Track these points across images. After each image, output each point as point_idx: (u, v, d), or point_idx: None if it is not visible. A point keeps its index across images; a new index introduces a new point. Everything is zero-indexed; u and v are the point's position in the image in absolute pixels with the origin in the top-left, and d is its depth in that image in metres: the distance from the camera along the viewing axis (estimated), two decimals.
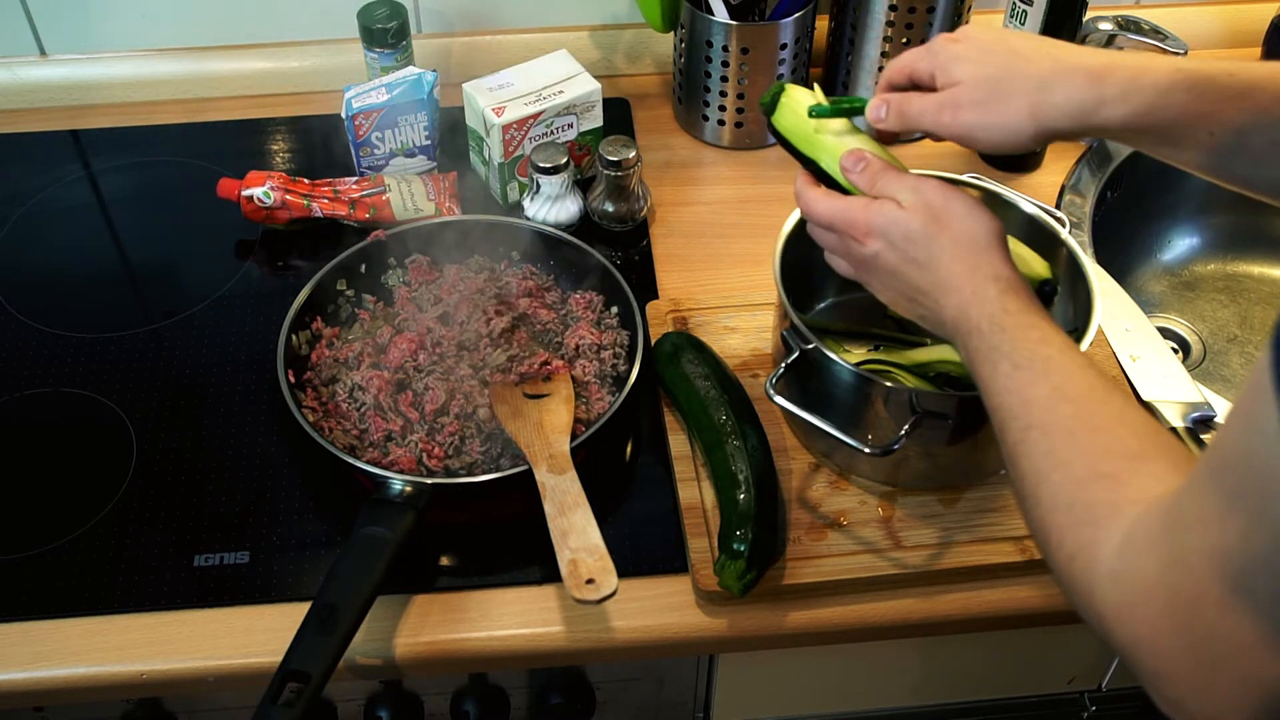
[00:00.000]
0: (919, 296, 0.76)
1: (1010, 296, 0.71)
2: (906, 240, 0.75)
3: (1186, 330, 1.24)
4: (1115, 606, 0.56)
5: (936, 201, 0.75)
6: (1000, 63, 0.75)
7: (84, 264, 1.16)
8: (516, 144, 1.14)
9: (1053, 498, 0.62)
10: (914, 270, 0.75)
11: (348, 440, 0.94)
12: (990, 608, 0.89)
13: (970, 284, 0.72)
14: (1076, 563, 0.59)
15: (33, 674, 0.84)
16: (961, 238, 0.73)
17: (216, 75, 1.32)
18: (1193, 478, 0.53)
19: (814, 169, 0.82)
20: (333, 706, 0.96)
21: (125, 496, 0.95)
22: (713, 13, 1.18)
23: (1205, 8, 1.39)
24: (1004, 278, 0.72)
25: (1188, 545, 0.51)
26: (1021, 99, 0.74)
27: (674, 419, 0.97)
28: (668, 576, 0.89)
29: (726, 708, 1.04)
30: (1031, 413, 0.65)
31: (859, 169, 0.79)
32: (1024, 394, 0.66)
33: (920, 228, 0.74)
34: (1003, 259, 0.73)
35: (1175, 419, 0.98)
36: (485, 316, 1.02)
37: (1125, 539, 0.56)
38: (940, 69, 0.78)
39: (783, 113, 0.84)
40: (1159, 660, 0.53)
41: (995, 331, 0.69)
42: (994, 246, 0.73)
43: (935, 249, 0.74)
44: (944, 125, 0.77)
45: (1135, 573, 0.54)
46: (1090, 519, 0.58)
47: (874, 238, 0.76)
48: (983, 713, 1.13)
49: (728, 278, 1.12)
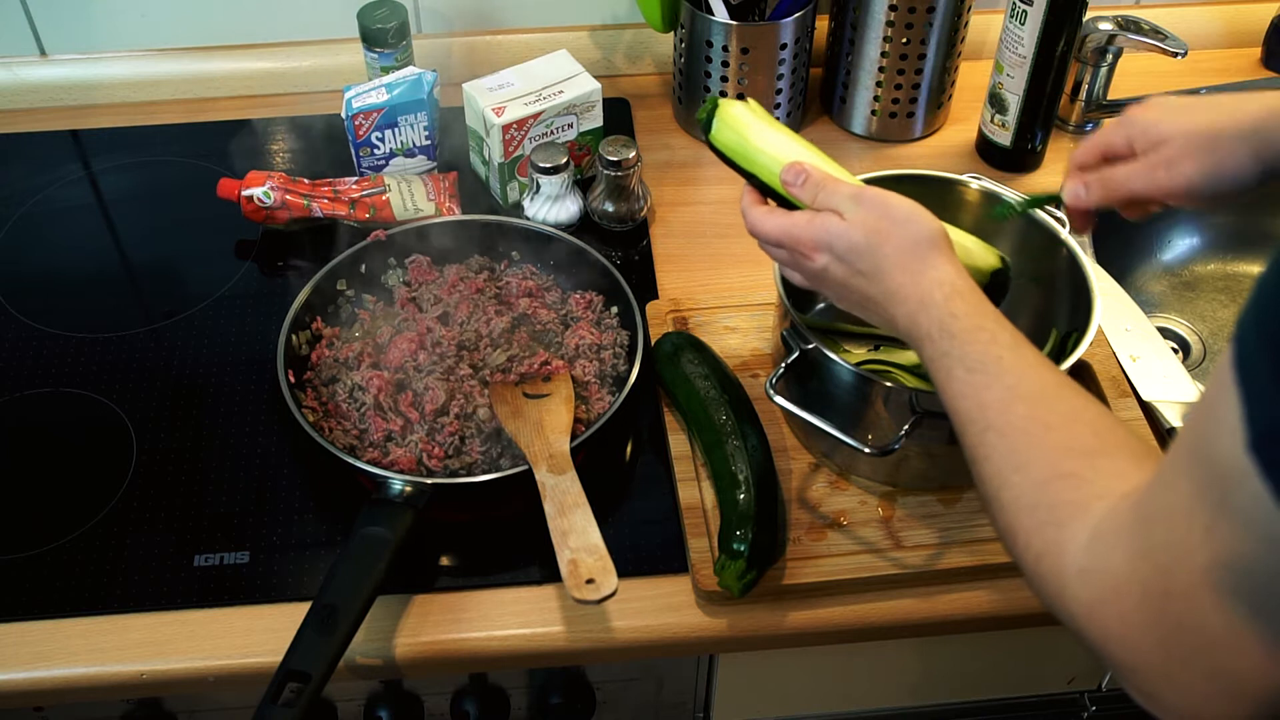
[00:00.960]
0: (871, 305, 0.76)
1: (956, 300, 0.71)
2: (851, 252, 0.75)
3: (1186, 330, 1.24)
4: (1085, 604, 0.56)
5: (877, 211, 0.75)
6: (1208, 115, 0.76)
7: (84, 264, 1.16)
8: (516, 144, 1.14)
9: (1015, 499, 0.62)
10: (862, 282, 0.76)
11: (348, 440, 0.94)
12: (990, 608, 0.89)
13: (916, 292, 0.72)
14: (1044, 563, 0.59)
15: (33, 674, 0.84)
16: (904, 245, 0.74)
17: (216, 75, 1.32)
18: (1159, 473, 0.53)
19: (757, 184, 0.82)
20: (333, 706, 0.96)
21: (125, 496, 0.95)
22: (713, 13, 1.18)
23: (1205, 8, 1.39)
24: (947, 282, 0.72)
25: (1155, 540, 0.52)
26: (1242, 145, 0.75)
27: (674, 419, 0.97)
28: (668, 576, 0.89)
29: (726, 708, 1.04)
30: (987, 415, 0.66)
31: (800, 182, 0.79)
32: (979, 397, 0.67)
33: (863, 240, 0.75)
34: (946, 262, 0.73)
35: (1175, 419, 0.98)
36: (485, 316, 1.02)
37: (1093, 536, 0.56)
38: (1140, 134, 0.78)
39: (720, 129, 0.84)
40: (1131, 655, 0.53)
41: (944, 337, 0.70)
42: (936, 249, 0.74)
43: (879, 259, 0.74)
44: (1159, 182, 0.77)
45: (1104, 569, 0.55)
46: (1055, 519, 0.59)
47: (820, 252, 0.77)
48: (983, 713, 1.13)
49: (728, 278, 1.12)
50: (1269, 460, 0.44)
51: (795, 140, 0.82)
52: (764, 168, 0.81)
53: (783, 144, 0.81)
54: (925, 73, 1.23)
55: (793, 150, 0.81)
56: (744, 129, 0.82)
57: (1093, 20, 1.20)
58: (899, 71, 1.23)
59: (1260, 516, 0.45)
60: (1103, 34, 1.21)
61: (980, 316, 0.70)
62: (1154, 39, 1.18)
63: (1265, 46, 1.39)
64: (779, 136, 0.82)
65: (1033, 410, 0.64)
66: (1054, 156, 1.25)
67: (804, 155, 0.81)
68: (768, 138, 0.82)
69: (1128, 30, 1.20)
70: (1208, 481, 0.48)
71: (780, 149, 0.81)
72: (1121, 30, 1.20)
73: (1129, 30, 1.20)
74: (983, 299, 0.72)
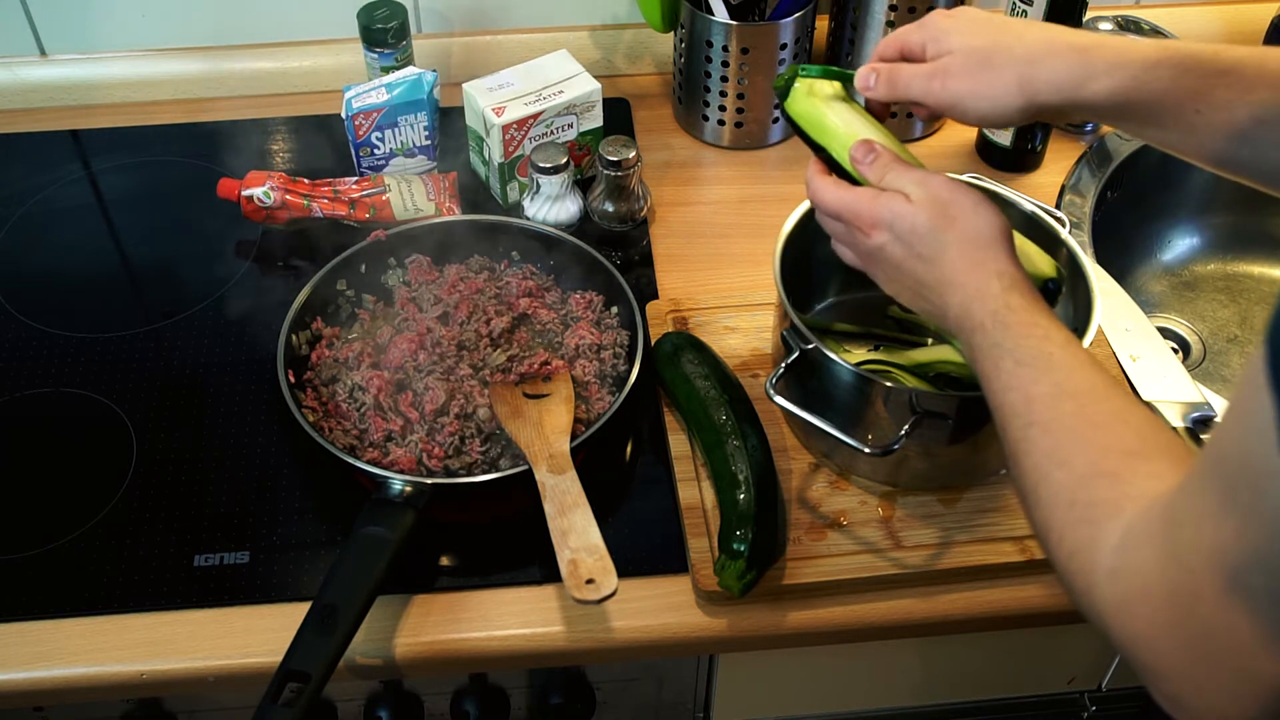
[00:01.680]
0: (923, 291, 0.76)
1: (1014, 293, 0.71)
2: (913, 234, 0.75)
3: (1186, 330, 1.24)
4: (1114, 603, 0.56)
5: (944, 196, 0.75)
6: (992, 35, 0.77)
7: (84, 264, 1.16)
8: (516, 144, 1.14)
9: (1053, 495, 0.62)
10: (919, 265, 0.75)
11: (348, 440, 0.94)
12: (990, 608, 0.89)
13: (974, 280, 0.72)
14: (1076, 560, 0.59)
15: (33, 674, 0.84)
16: (967, 234, 0.73)
17: (216, 75, 1.32)
18: (1190, 475, 0.53)
19: (825, 156, 0.82)
20: (333, 706, 0.96)
21: (125, 496, 0.95)
22: (713, 13, 1.18)
23: (1205, 8, 1.40)
24: (1008, 274, 0.72)
25: (1185, 542, 0.52)
26: (1010, 70, 0.75)
27: (674, 419, 0.97)
28: (668, 576, 0.89)
29: (726, 708, 1.04)
30: (1033, 410, 0.65)
31: (869, 160, 0.79)
32: (1026, 391, 0.66)
33: (926, 222, 0.74)
34: (1008, 256, 0.73)
35: (1175, 419, 0.98)
36: (485, 316, 1.02)
37: (1124, 536, 0.56)
38: (932, 40, 0.78)
39: (795, 97, 0.83)
40: (1157, 656, 0.53)
41: (998, 328, 0.69)
42: (999, 243, 0.73)
43: (941, 244, 0.74)
44: (933, 93, 0.78)
45: (1134, 570, 0.55)
46: (1090, 517, 0.59)
47: (880, 230, 0.76)
48: (983, 713, 1.13)
49: (728, 278, 1.12)
50: None
51: (870, 122, 0.82)
52: (836, 141, 0.81)
53: (857, 122, 0.81)
54: None
55: (867, 130, 0.81)
56: (820, 101, 0.82)
57: (1093, 20, 1.20)
58: None
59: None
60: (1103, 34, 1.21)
61: (1036, 312, 0.70)
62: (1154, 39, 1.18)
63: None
64: (855, 115, 0.82)
65: (1080, 407, 0.64)
66: (1054, 156, 1.25)
67: (877, 136, 0.81)
68: (843, 114, 0.82)
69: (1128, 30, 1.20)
70: (1239, 484, 0.48)
71: (854, 126, 0.81)
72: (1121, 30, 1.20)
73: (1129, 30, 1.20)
74: (1039, 297, 0.72)
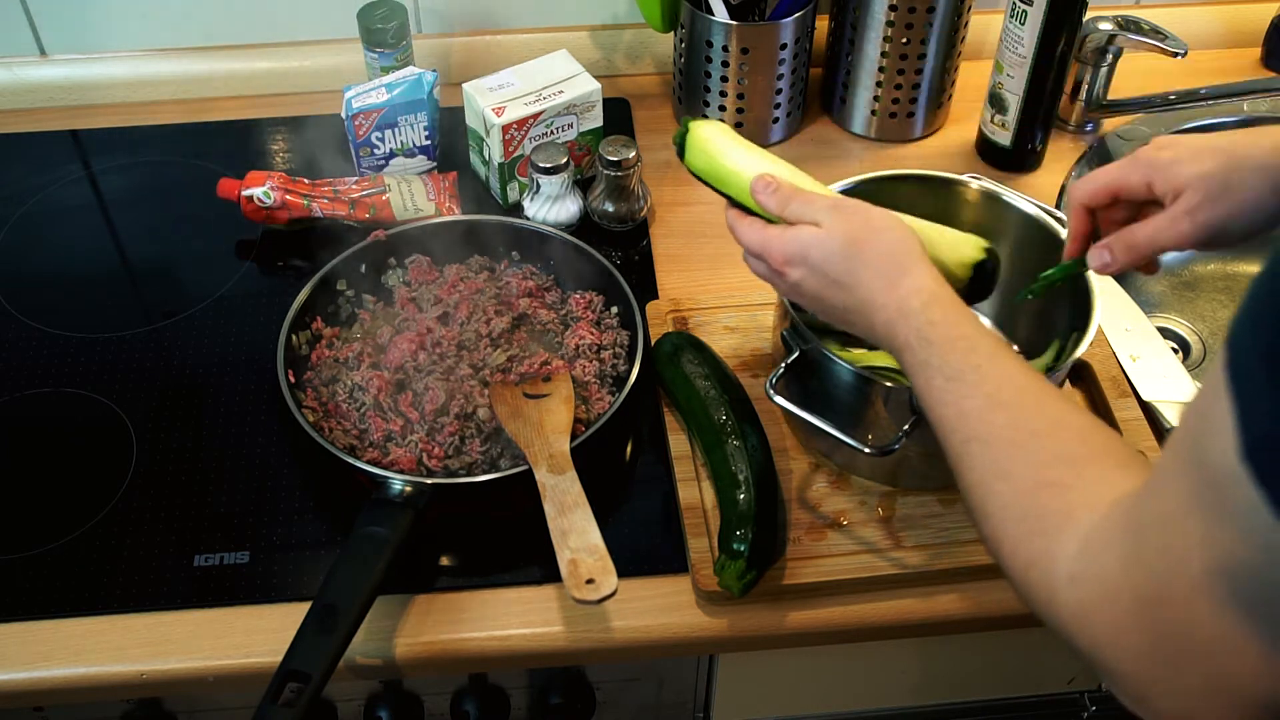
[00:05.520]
0: (849, 316, 0.76)
1: (934, 307, 0.71)
2: (826, 263, 0.75)
3: (1186, 330, 1.24)
4: (1076, 610, 0.55)
5: (853, 220, 0.75)
6: (1222, 156, 0.75)
7: (84, 264, 1.16)
8: (516, 144, 1.14)
9: (1002, 509, 0.62)
10: (838, 292, 0.76)
11: (348, 440, 0.94)
12: (990, 608, 0.89)
13: (893, 299, 0.72)
14: (1033, 572, 0.59)
15: (33, 674, 0.84)
16: (880, 252, 0.74)
17: (216, 75, 1.32)
18: (1152, 479, 0.53)
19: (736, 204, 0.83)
20: (333, 706, 0.96)
21: (125, 496, 0.95)
22: (713, 13, 1.18)
23: (1205, 8, 1.39)
24: (925, 289, 0.72)
25: (1148, 546, 0.51)
26: (1256, 179, 0.74)
27: (674, 419, 0.97)
28: (668, 576, 0.89)
29: (726, 708, 1.04)
30: (969, 424, 0.65)
31: (769, 192, 0.79)
32: (959, 406, 0.66)
33: (838, 249, 0.75)
34: (923, 270, 0.73)
35: (1175, 419, 0.98)
36: (485, 316, 1.02)
37: (1083, 544, 0.56)
38: (1161, 177, 0.76)
39: (691, 153, 0.84)
40: (1123, 660, 0.53)
41: (923, 346, 0.70)
42: (913, 259, 0.74)
43: (855, 267, 0.74)
44: (1185, 235, 0.76)
45: (1095, 576, 0.54)
46: (1043, 528, 0.58)
47: (793, 265, 0.77)
48: (983, 713, 1.13)
49: (728, 278, 1.12)
50: (1263, 469, 0.44)
51: (766, 157, 0.82)
52: (735, 186, 0.82)
53: (752, 161, 0.82)
54: (925, 73, 1.23)
55: (762, 166, 0.81)
56: (714, 150, 0.83)
57: (1093, 20, 1.20)
58: (899, 71, 1.23)
59: (1257, 524, 0.45)
60: (1103, 34, 1.21)
61: (959, 325, 0.70)
62: (1154, 39, 1.18)
63: (1265, 46, 1.39)
64: (749, 154, 0.82)
65: (1014, 418, 0.64)
66: (1054, 156, 1.25)
67: (774, 168, 0.81)
68: (737, 157, 0.82)
69: (1128, 30, 1.20)
70: (1202, 487, 0.48)
71: (749, 166, 0.81)
72: (1121, 30, 1.20)
73: (1129, 30, 1.20)
74: (961, 306, 0.72)
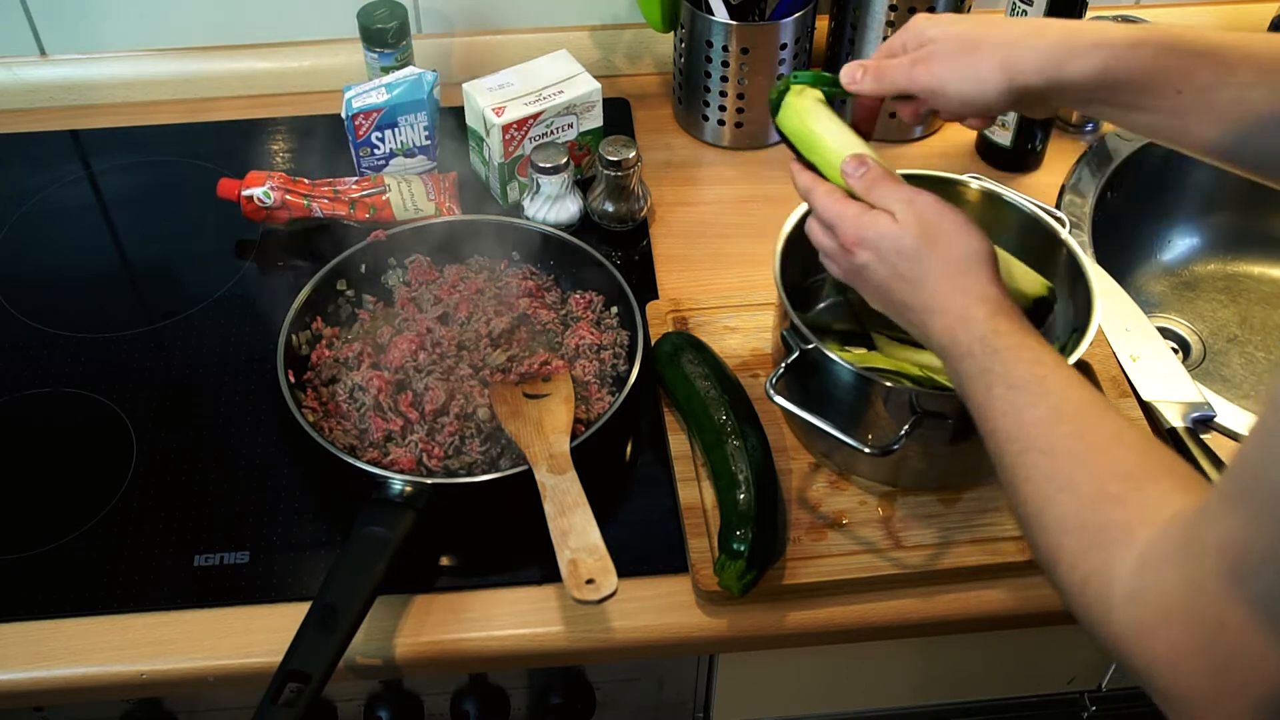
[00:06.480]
0: (907, 313, 0.76)
1: (999, 317, 0.70)
2: (897, 255, 0.75)
3: (1186, 330, 1.24)
4: (1133, 629, 0.55)
5: (929, 218, 0.75)
6: (974, 23, 0.77)
7: (84, 264, 1.16)
8: (516, 144, 1.14)
9: (1060, 520, 0.61)
10: (902, 286, 0.75)
11: (348, 440, 0.94)
12: (990, 608, 0.89)
13: (958, 305, 0.72)
14: (1091, 586, 0.58)
15: (33, 674, 0.84)
16: (951, 257, 0.73)
17: (216, 75, 1.32)
18: (1212, 499, 0.52)
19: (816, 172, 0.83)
20: (333, 706, 0.96)
21: (125, 496, 0.95)
22: (713, 13, 1.18)
23: (1205, 8, 1.40)
24: (991, 299, 0.72)
25: (1208, 568, 0.51)
26: (993, 52, 0.75)
27: (674, 419, 0.97)
28: (668, 576, 0.89)
29: (726, 708, 1.04)
30: (1029, 434, 0.65)
31: (859, 174, 0.79)
32: (1020, 415, 0.66)
33: (911, 244, 0.74)
34: (991, 280, 0.73)
35: (1175, 419, 0.98)
36: (485, 316, 1.02)
37: (1140, 562, 0.55)
38: (914, 36, 0.79)
39: (786, 114, 0.84)
40: (1179, 682, 0.53)
41: (987, 354, 0.69)
42: (982, 267, 0.73)
43: (924, 267, 0.74)
44: (917, 78, 0.78)
45: (1153, 596, 0.54)
46: (1102, 541, 0.58)
47: (864, 249, 0.77)
48: (983, 713, 1.13)
49: (728, 278, 1.12)
50: None
51: (858, 139, 0.82)
52: (826, 156, 0.81)
53: (846, 139, 0.82)
54: None
55: (857, 147, 0.81)
56: (810, 118, 0.82)
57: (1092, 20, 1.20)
58: None
59: None
60: None
61: (1024, 335, 0.69)
62: None
63: None
64: (845, 132, 0.82)
65: (1077, 430, 0.64)
66: (1054, 156, 1.25)
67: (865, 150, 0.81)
68: (833, 130, 0.82)
69: None
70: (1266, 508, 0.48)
71: (843, 143, 0.81)
72: None
73: None
74: (1024, 320, 0.71)
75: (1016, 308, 0.72)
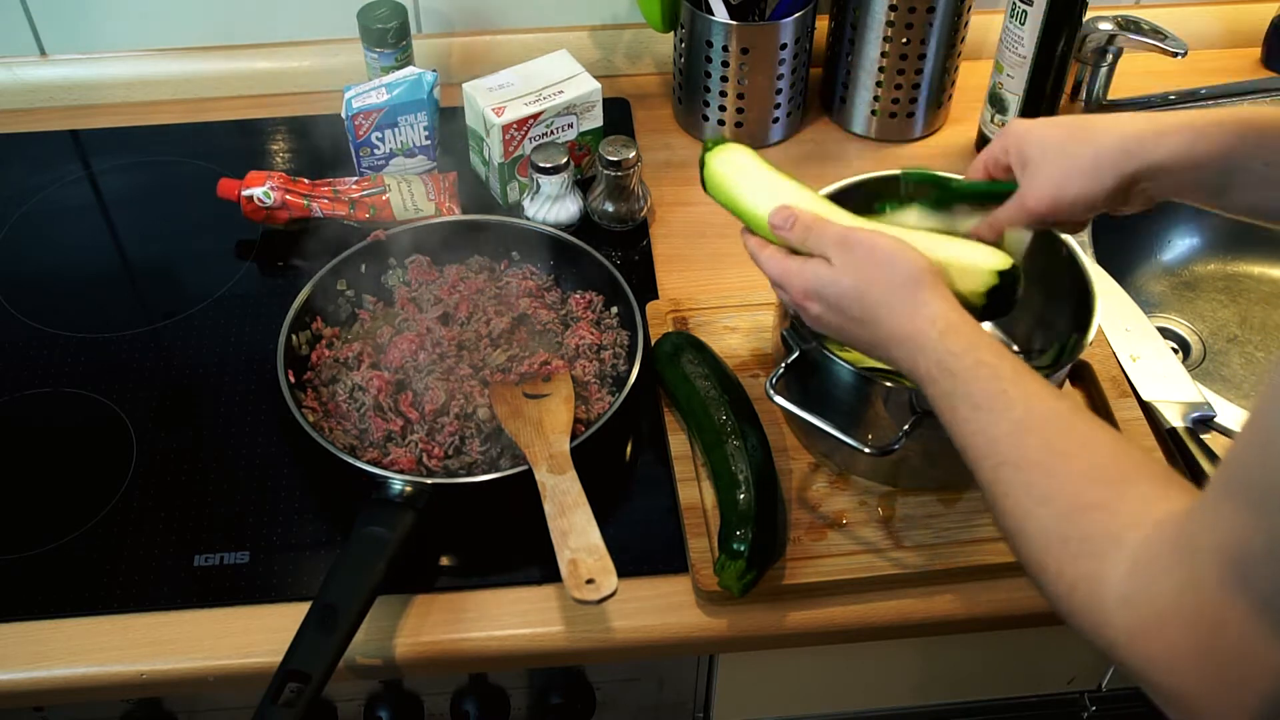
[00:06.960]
0: (873, 350, 0.77)
1: (950, 336, 0.70)
2: (840, 300, 0.75)
3: (1186, 330, 1.24)
4: (1129, 632, 0.55)
5: (861, 254, 0.75)
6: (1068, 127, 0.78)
7: (84, 264, 1.16)
8: (516, 144, 1.14)
9: (1043, 532, 0.61)
10: (856, 328, 0.76)
11: (348, 440, 0.94)
12: (990, 608, 0.89)
13: (910, 332, 0.72)
14: (1079, 594, 0.58)
15: (33, 674, 0.84)
16: (893, 284, 0.74)
17: (216, 75, 1.32)
18: (1205, 498, 0.52)
19: None
20: (333, 706, 0.96)
21: (125, 496, 0.95)
22: (713, 13, 1.18)
23: (1205, 8, 1.39)
24: (939, 318, 0.72)
25: (1204, 566, 0.51)
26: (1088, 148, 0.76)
27: (674, 419, 0.97)
28: (668, 576, 0.89)
29: (726, 708, 1.04)
30: (1000, 450, 0.65)
31: (789, 225, 0.79)
32: (988, 433, 0.66)
33: (850, 285, 0.75)
34: (936, 298, 0.73)
35: (1175, 419, 0.98)
36: (485, 316, 1.02)
37: (1132, 565, 0.55)
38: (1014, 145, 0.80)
39: (711, 183, 0.85)
40: (1177, 682, 0.53)
41: (946, 377, 0.69)
42: (924, 287, 0.73)
43: (868, 303, 0.74)
44: (1031, 211, 0.79)
45: (1148, 598, 0.54)
46: (1088, 550, 0.58)
47: (812, 300, 0.77)
48: (983, 713, 1.13)
49: (728, 278, 1.12)
50: None
51: (782, 179, 0.82)
52: (754, 221, 0.82)
53: (769, 192, 0.81)
54: (925, 73, 1.23)
55: (780, 196, 0.81)
56: (729, 182, 0.83)
57: (1093, 20, 1.20)
58: (899, 71, 1.23)
59: None
60: (1103, 34, 1.20)
61: (978, 351, 0.69)
62: (1154, 39, 1.18)
63: (1265, 46, 1.39)
64: (766, 183, 0.82)
65: (1046, 440, 0.64)
66: None
67: (791, 196, 0.80)
68: (754, 187, 0.82)
69: (1128, 30, 1.19)
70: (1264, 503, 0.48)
71: (767, 198, 0.81)
72: (1121, 30, 1.20)
73: (1129, 30, 1.19)
74: (978, 331, 0.71)
75: (970, 320, 0.72)
